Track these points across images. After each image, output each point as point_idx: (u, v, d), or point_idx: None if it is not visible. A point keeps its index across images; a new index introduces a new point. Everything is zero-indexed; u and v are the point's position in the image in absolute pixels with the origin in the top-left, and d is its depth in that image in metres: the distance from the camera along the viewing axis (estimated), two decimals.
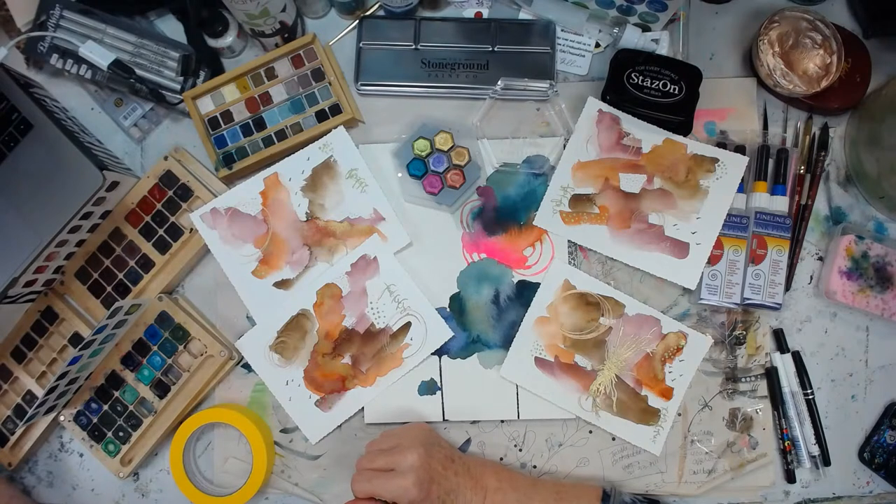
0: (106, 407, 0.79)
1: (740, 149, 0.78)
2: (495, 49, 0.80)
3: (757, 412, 0.77)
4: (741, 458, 0.76)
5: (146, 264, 0.80)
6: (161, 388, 0.79)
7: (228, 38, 0.81)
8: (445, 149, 0.79)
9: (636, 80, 0.76)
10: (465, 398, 0.78)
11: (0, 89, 0.73)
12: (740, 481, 0.77)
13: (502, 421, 0.78)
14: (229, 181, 0.82)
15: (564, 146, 0.79)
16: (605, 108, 0.79)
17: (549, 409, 0.77)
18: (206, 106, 0.81)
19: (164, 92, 0.80)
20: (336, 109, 0.80)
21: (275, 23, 0.77)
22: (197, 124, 0.80)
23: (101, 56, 0.73)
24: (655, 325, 0.77)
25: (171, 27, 0.84)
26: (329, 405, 0.78)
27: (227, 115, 0.81)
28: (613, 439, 0.77)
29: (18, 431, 0.79)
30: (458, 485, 0.67)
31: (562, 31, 0.82)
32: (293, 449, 0.80)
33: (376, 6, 0.83)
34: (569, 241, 0.79)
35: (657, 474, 0.76)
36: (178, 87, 0.80)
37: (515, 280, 0.79)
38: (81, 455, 0.82)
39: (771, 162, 0.78)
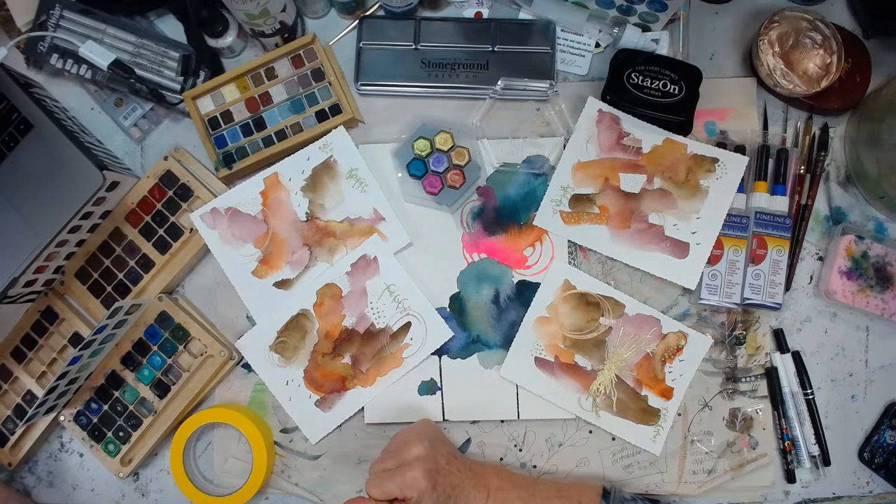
0: (106, 407, 0.80)
1: (740, 149, 0.78)
2: (495, 49, 0.80)
3: (757, 412, 0.77)
4: (741, 458, 0.76)
5: (146, 264, 0.80)
6: (161, 388, 0.79)
7: (228, 38, 0.81)
8: (445, 149, 0.79)
9: (636, 80, 0.76)
10: (465, 398, 0.78)
11: (0, 89, 0.73)
12: (740, 481, 0.77)
13: (502, 421, 0.78)
14: (229, 181, 0.82)
15: (564, 146, 0.79)
16: (605, 108, 0.79)
17: (549, 409, 0.77)
18: (206, 106, 0.81)
19: (164, 92, 0.80)
20: (336, 109, 0.80)
21: (275, 23, 0.77)
22: (197, 124, 0.80)
23: (101, 56, 0.73)
24: (655, 325, 0.77)
25: (171, 27, 0.84)
26: (329, 405, 0.78)
27: (227, 115, 0.81)
28: (613, 439, 0.77)
29: (18, 431, 0.79)
30: (461, 480, 0.67)
31: (562, 31, 0.82)
32: (293, 449, 0.80)
33: (376, 6, 0.83)
34: (569, 241, 0.79)
35: (657, 474, 0.77)
36: (178, 87, 0.80)
37: (515, 280, 0.79)
38: (81, 455, 0.82)
39: (771, 162, 0.78)
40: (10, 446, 0.79)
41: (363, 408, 0.78)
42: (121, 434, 0.79)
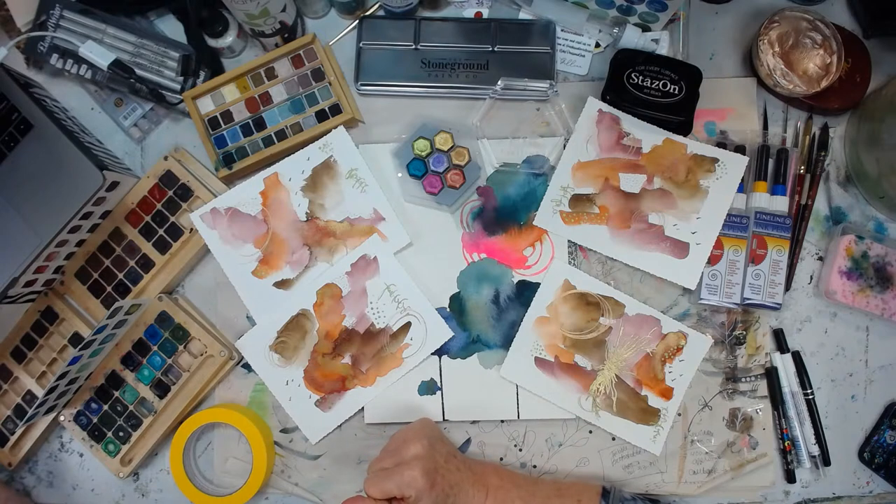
0: (106, 407, 0.80)
1: (740, 149, 0.78)
2: (495, 49, 0.80)
3: (757, 412, 0.77)
4: (741, 458, 0.76)
5: (146, 264, 0.80)
6: (161, 388, 0.79)
7: (228, 38, 0.81)
8: (445, 149, 0.79)
9: (636, 80, 0.76)
10: (465, 398, 0.78)
11: (0, 89, 0.73)
12: (740, 481, 0.77)
13: (502, 421, 0.78)
14: (229, 181, 0.82)
15: (564, 146, 0.79)
16: (605, 108, 0.79)
17: (549, 409, 0.77)
18: (206, 106, 0.81)
19: (164, 92, 0.80)
20: (336, 109, 0.80)
21: (275, 23, 0.77)
22: (197, 124, 0.80)
23: (101, 56, 0.73)
24: (655, 325, 0.77)
25: (171, 27, 0.84)
26: (329, 405, 0.78)
27: (227, 115, 0.81)
28: (613, 439, 0.77)
29: (18, 431, 0.79)
30: (460, 479, 0.67)
31: (562, 31, 0.82)
32: (293, 449, 0.80)
33: (376, 6, 0.83)
34: (569, 241, 0.79)
35: (657, 474, 0.77)
36: (178, 87, 0.80)
37: (515, 280, 0.79)
38: (81, 455, 0.82)
39: (771, 162, 0.78)
40: (10, 446, 0.79)
41: (363, 408, 0.78)
42: (121, 434, 0.79)
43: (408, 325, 0.78)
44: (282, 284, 0.79)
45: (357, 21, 0.82)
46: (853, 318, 0.79)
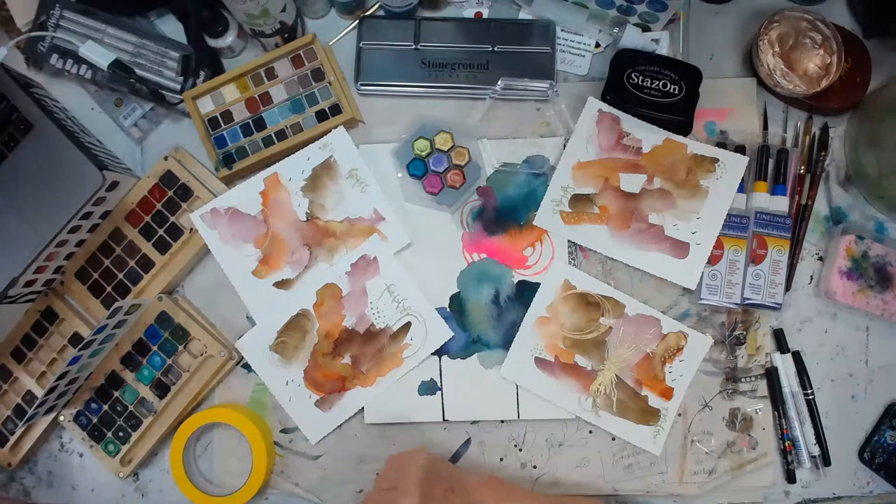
0: (106, 407, 0.79)
1: (740, 149, 0.78)
2: (495, 49, 0.80)
3: (757, 412, 0.77)
4: (741, 458, 0.76)
5: (146, 264, 0.80)
6: (161, 388, 0.79)
7: (228, 38, 0.81)
8: (445, 149, 0.79)
9: (636, 80, 0.76)
10: (465, 398, 0.78)
11: (0, 89, 0.73)
12: (740, 481, 0.77)
13: (502, 421, 0.78)
14: (229, 181, 0.82)
15: (564, 146, 0.79)
16: (605, 108, 0.79)
17: (549, 409, 0.77)
18: (206, 106, 0.81)
19: (164, 92, 0.80)
20: (336, 109, 0.80)
21: (275, 23, 0.77)
22: (197, 124, 0.80)
23: (101, 56, 0.73)
24: (655, 325, 0.77)
25: (171, 27, 0.84)
26: (329, 405, 0.78)
27: (227, 115, 0.81)
28: (613, 439, 0.77)
29: (18, 431, 0.79)
30: None
31: (562, 31, 0.82)
32: (293, 449, 0.80)
33: (376, 6, 0.83)
34: (569, 241, 0.79)
35: (657, 474, 0.76)
36: (178, 87, 0.80)
37: (515, 280, 0.79)
38: (81, 455, 0.82)
39: (771, 162, 0.78)
40: (10, 446, 0.79)
41: (363, 408, 0.78)
42: (121, 434, 0.79)
43: (408, 325, 0.78)
44: (282, 284, 0.79)
45: (357, 21, 0.82)
46: (853, 318, 0.79)
